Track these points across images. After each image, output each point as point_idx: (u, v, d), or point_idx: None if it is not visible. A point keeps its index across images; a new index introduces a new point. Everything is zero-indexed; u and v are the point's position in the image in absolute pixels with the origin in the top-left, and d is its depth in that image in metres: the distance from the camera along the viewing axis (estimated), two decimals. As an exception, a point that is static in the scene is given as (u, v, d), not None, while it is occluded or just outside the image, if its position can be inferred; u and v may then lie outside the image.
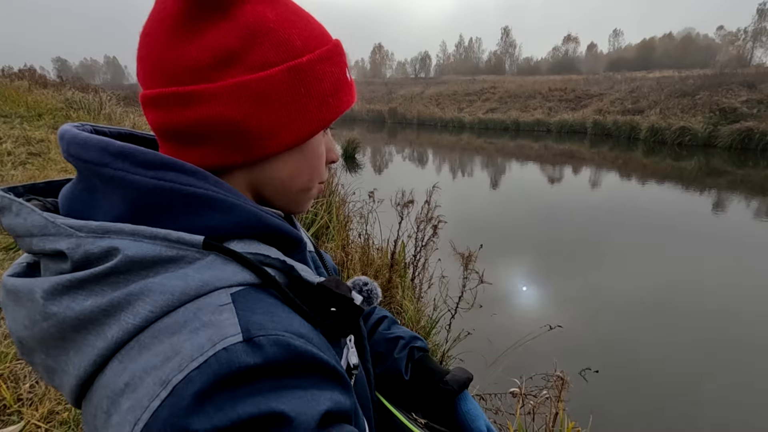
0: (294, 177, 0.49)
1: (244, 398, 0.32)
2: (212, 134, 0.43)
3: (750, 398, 2.83)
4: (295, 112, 0.44)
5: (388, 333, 0.76)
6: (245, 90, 0.42)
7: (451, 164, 14.19)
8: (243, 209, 0.42)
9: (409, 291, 3.01)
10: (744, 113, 13.96)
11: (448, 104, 26.41)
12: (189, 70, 0.41)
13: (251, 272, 0.40)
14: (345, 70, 0.50)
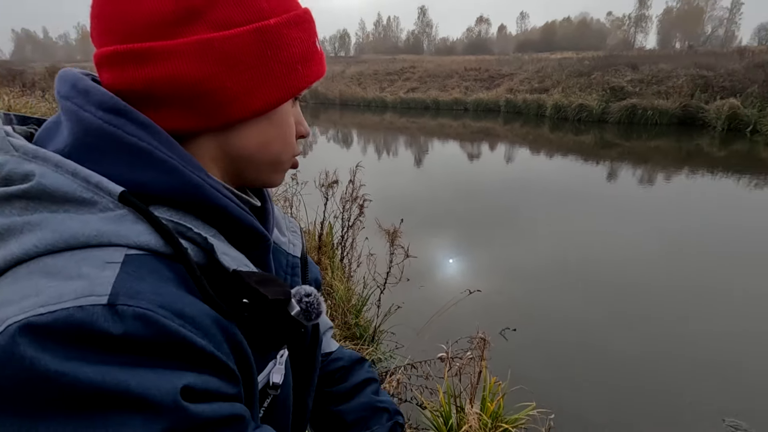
0: (263, 147, 0.47)
1: (86, 362, 0.29)
2: (172, 96, 0.40)
3: (644, 341, 3.29)
4: (261, 77, 0.42)
5: (377, 400, 0.68)
6: (208, 49, 0.39)
7: (376, 144, 14.28)
8: (184, 176, 0.39)
9: (339, 271, 3.02)
10: (629, 91, 15.75)
11: (370, 84, 26.34)
12: (146, 26, 0.39)
13: (162, 239, 0.36)
14: (315, 39, 0.48)
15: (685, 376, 2.85)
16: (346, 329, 2.63)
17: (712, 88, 14.13)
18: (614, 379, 2.83)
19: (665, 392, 2.70)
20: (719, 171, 9.08)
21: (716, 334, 3.29)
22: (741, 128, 12.56)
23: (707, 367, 2.93)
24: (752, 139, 11.90)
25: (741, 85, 13.53)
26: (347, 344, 2.42)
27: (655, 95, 14.99)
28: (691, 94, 14.35)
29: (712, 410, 2.52)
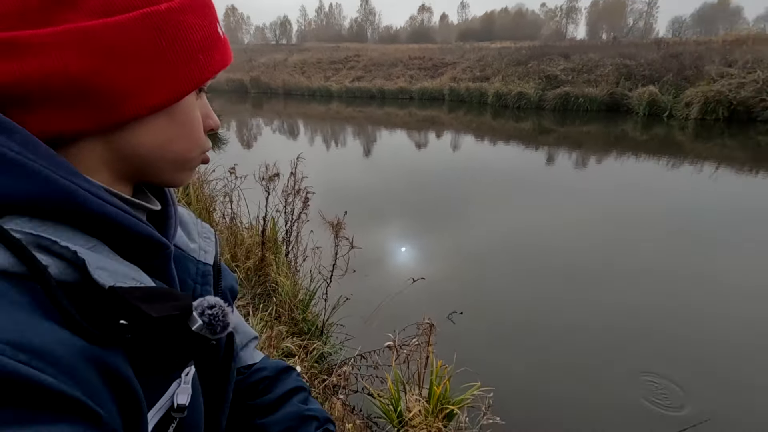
0: (164, 146, 0.43)
1: None
2: (49, 94, 0.35)
3: (581, 316, 3.52)
4: (156, 69, 0.38)
5: (305, 409, 0.65)
6: (87, 39, 0.35)
7: (323, 134, 14.05)
8: (49, 181, 0.33)
9: (285, 267, 2.94)
10: (563, 80, 16.65)
11: (314, 72, 25.78)
12: (10, 12, 0.33)
13: (13, 256, 0.31)
14: (216, 25, 0.43)
15: (617, 344, 3.09)
16: (293, 325, 2.58)
17: (634, 77, 15.26)
18: (551, 353, 3.01)
19: (598, 359, 2.92)
20: (642, 154, 9.88)
21: (650, 306, 3.60)
22: (659, 113, 13.72)
23: (637, 333, 3.20)
24: (668, 123, 13.05)
25: (658, 74, 14.73)
26: (294, 340, 2.37)
27: (586, 83, 15.96)
28: (616, 82, 15.42)
29: (635, 370, 2.76)
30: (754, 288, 3.79)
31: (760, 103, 12.04)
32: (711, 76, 13.41)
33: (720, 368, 2.81)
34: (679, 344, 3.06)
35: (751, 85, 12.36)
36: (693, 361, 2.87)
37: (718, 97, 12.49)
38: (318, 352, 2.34)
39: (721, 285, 3.90)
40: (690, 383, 2.64)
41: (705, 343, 3.08)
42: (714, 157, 9.32)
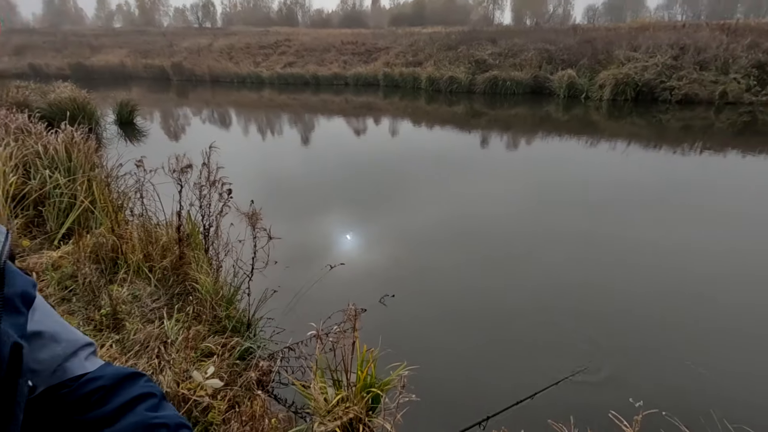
0: None
1: None
2: None
3: (508, 290, 3.70)
4: None
5: (152, 416, 0.59)
6: None
7: (258, 123, 13.45)
8: None
9: (205, 263, 2.78)
10: (491, 64, 17.25)
11: (243, 58, 24.50)
12: None
13: None
14: None
15: (543, 320, 3.28)
16: (216, 323, 2.45)
17: (555, 61, 16.19)
18: (479, 331, 3.14)
19: (525, 336, 3.09)
20: (565, 133, 10.56)
21: (577, 279, 3.85)
22: (577, 95, 14.71)
23: (562, 306, 3.42)
24: (586, 104, 14.04)
25: (575, 58, 15.74)
26: (216, 339, 2.25)
27: (512, 67, 16.66)
28: (539, 66, 16.26)
29: (560, 346, 2.96)
30: (671, 246, 4.21)
31: (660, 84, 13.31)
32: (620, 60, 14.57)
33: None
34: (600, 317, 3.32)
35: (653, 68, 13.61)
36: (621, 336, 3.13)
37: (626, 79, 13.62)
38: (241, 349, 2.24)
39: (637, 245, 4.28)
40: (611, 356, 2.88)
41: (630, 312, 3.38)
42: (625, 135, 10.19)
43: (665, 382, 2.50)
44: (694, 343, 2.93)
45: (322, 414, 1.83)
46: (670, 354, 2.74)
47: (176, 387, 1.79)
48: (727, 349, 2.86)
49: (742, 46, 13.48)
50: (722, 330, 3.06)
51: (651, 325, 3.10)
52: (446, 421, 2.14)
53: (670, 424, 1.84)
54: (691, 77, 13.11)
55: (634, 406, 1.41)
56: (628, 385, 2.41)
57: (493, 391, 2.47)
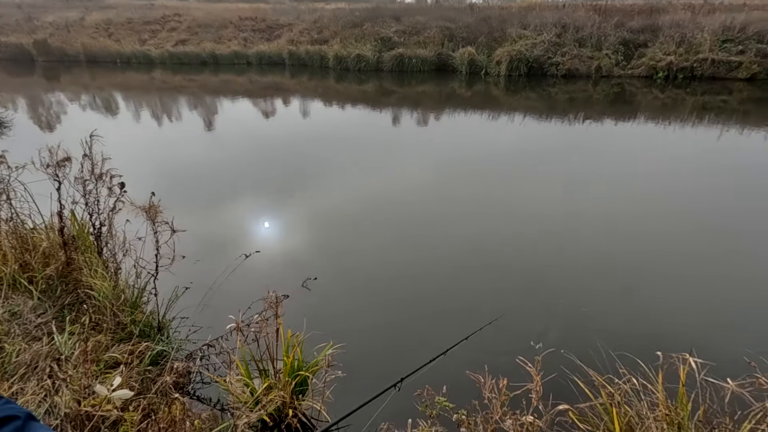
0: None
1: None
2: None
3: (424, 261, 3.85)
4: None
5: None
6: None
7: (152, 109, 12.12)
8: None
9: (100, 267, 2.48)
10: (396, 41, 17.41)
11: (125, 35, 21.70)
12: None
13: None
14: None
15: (458, 289, 3.50)
16: (120, 330, 2.22)
17: (456, 39, 16.83)
18: (399, 305, 3.27)
19: (440, 307, 3.27)
20: (469, 108, 11.14)
21: (496, 237, 4.13)
22: (478, 71, 15.53)
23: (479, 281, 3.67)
24: (485, 80, 14.91)
25: (474, 36, 16.53)
26: (123, 347, 2.05)
27: (416, 45, 16.99)
28: (441, 44, 16.80)
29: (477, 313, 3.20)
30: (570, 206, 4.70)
31: (548, 60, 14.59)
32: (512, 37, 15.62)
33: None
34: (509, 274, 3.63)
35: (541, 45, 14.84)
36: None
37: (519, 56, 14.68)
38: (152, 354, 2.07)
39: (536, 208, 4.72)
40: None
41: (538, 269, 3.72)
42: (521, 108, 11.06)
43: (561, 326, 2.84)
44: (582, 292, 3.36)
45: (249, 406, 1.78)
46: (563, 302, 3.12)
47: (77, 406, 1.61)
48: (607, 294, 3.33)
49: (611, 24, 15.23)
50: (603, 278, 3.54)
51: (547, 280, 3.48)
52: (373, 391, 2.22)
53: (567, 360, 2.11)
54: (573, 53, 14.55)
55: (535, 349, 1.59)
56: (531, 333, 2.70)
57: (413, 356, 2.60)
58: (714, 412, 1.62)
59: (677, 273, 3.54)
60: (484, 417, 1.53)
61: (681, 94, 11.85)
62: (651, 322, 2.91)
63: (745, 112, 9.85)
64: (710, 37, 13.23)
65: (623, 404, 1.65)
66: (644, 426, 1.52)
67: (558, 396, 1.74)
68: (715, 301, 3.15)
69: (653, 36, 14.36)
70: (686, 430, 1.54)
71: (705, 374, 1.63)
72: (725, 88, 12.07)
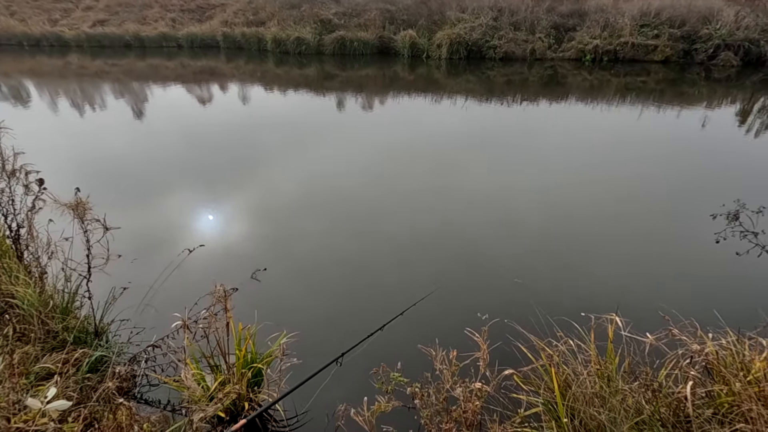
0: None
1: None
2: None
3: (370, 242, 3.88)
4: None
5: None
6: None
7: (70, 98, 11.01)
8: None
9: (21, 272, 2.27)
10: (336, 24, 17.04)
11: (31, 14, 19.38)
12: None
13: None
14: None
15: (406, 269, 3.58)
16: (52, 339, 2.06)
17: (397, 21, 16.78)
18: (344, 283, 3.30)
19: (387, 288, 3.34)
20: (412, 91, 11.23)
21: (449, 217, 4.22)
22: (419, 55, 15.64)
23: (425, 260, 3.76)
24: (427, 63, 15.06)
25: (414, 18, 16.56)
26: (55, 356, 1.90)
27: (357, 27, 16.74)
28: (383, 26, 16.68)
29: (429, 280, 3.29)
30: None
31: (486, 43, 14.99)
32: (452, 20, 15.84)
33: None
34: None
35: (479, 28, 15.19)
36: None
37: (458, 39, 14.95)
38: (90, 360, 1.94)
39: (472, 188, 4.91)
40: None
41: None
42: (463, 91, 11.32)
43: (503, 297, 3.02)
44: (520, 264, 3.58)
45: (204, 402, 1.74)
46: (504, 274, 3.31)
47: (7, 423, 1.48)
48: (543, 265, 3.57)
49: (542, 9, 15.89)
50: (539, 251, 3.79)
51: (487, 254, 3.66)
52: (330, 377, 2.24)
53: (510, 328, 2.26)
54: (509, 37, 15.06)
55: (482, 320, 1.69)
56: (477, 306, 2.85)
57: (361, 334, 2.66)
58: (637, 363, 1.82)
59: (603, 241, 3.87)
60: (436, 388, 1.61)
61: (606, 75, 12.71)
62: (582, 288, 3.17)
63: (660, 91, 10.79)
64: (630, 22, 14.22)
65: (561, 364, 1.80)
66: (579, 381, 1.67)
67: (503, 362, 1.87)
68: (637, 264, 3.48)
69: (581, 20, 15.18)
70: (614, 381, 1.72)
71: (629, 331, 1.82)
72: (644, 69, 13.10)
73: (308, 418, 2.09)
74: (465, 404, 1.48)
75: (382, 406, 1.56)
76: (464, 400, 1.48)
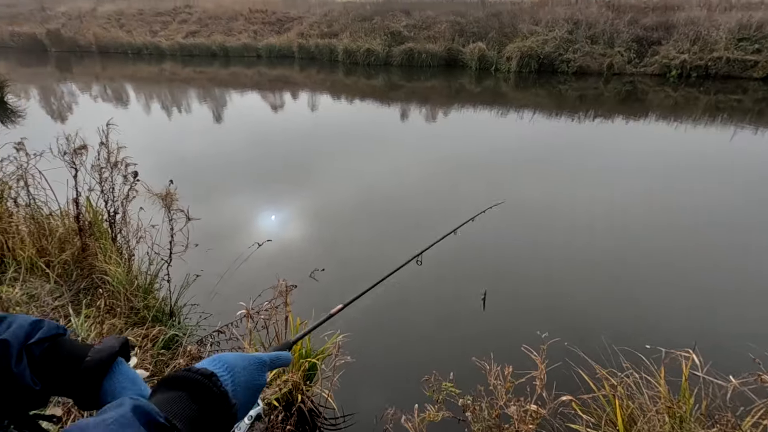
0: None
1: None
2: None
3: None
4: None
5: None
6: None
7: (162, 101, 12.22)
8: None
9: (114, 253, 2.54)
10: (406, 36, 17.34)
11: (136, 26, 21.83)
12: None
13: None
14: None
15: (457, 277, 3.52)
16: (133, 315, 2.28)
17: (466, 34, 16.73)
18: (399, 294, 3.30)
19: (444, 293, 3.30)
20: (478, 104, 11.09)
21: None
22: (488, 67, 15.44)
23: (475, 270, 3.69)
24: (495, 76, 14.82)
25: (484, 31, 16.41)
26: (137, 330, 2.11)
27: (426, 39, 16.91)
28: (452, 39, 16.70)
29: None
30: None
31: (559, 57, 14.46)
32: (523, 33, 15.48)
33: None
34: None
35: (552, 41, 14.70)
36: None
37: (530, 52, 14.57)
38: (165, 338, 2.13)
39: (544, 203, 4.73)
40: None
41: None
42: (531, 105, 10.99)
43: (563, 319, 2.86)
44: (589, 287, 3.37)
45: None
46: (561, 295, 3.14)
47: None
48: (611, 290, 3.34)
49: (624, 21, 15.04)
50: (610, 274, 3.55)
51: (555, 274, 3.49)
52: (384, 383, 2.26)
53: (570, 351, 2.14)
54: (584, 50, 14.41)
55: (540, 338, 1.62)
56: (534, 324, 2.72)
57: (418, 349, 2.64)
58: (716, 407, 1.64)
59: (682, 269, 3.54)
60: (489, 403, 1.56)
61: (694, 92, 11.70)
62: (654, 319, 2.92)
63: (759, 112, 9.71)
64: (726, 35, 13.02)
65: (626, 397, 1.67)
66: (646, 418, 1.54)
67: (561, 386, 1.77)
68: (720, 298, 3.14)
69: (667, 33, 14.16)
70: (688, 423, 1.56)
71: (708, 371, 1.65)
72: (740, 87, 11.89)
73: (355, 420, 2.12)
74: (519, 424, 1.43)
75: (432, 415, 1.55)
76: (518, 420, 1.43)
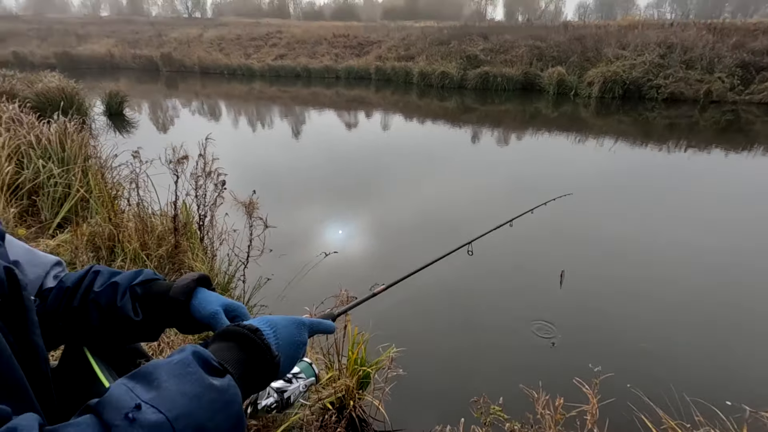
0: None
1: None
2: None
3: (476, 279, 3.83)
4: None
5: (102, 287, 0.75)
6: None
7: (248, 116, 13.41)
8: None
9: (200, 252, 2.86)
10: (482, 59, 17.37)
11: (233, 50, 24.28)
12: None
13: None
14: None
15: (507, 298, 3.43)
16: (212, 309, 2.54)
17: (545, 58, 16.35)
18: (459, 316, 3.28)
19: (496, 317, 3.24)
20: (554, 130, 10.74)
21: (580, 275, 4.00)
22: (566, 92, 14.90)
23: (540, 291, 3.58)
24: (575, 101, 14.25)
25: (565, 55, 15.92)
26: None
27: (503, 63, 16.79)
28: (530, 63, 16.42)
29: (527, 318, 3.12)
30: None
31: (648, 82, 13.56)
32: (608, 58, 14.78)
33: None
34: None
35: (641, 66, 13.85)
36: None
37: (614, 77, 13.84)
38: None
39: (619, 237, 4.46)
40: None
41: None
42: (612, 132, 10.40)
43: (626, 360, 2.66)
44: (649, 325, 3.10)
45: (320, 386, 1.95)
46: (627, 331, 2.92)
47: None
48: (678, 332, 3.04)
49: (727, 45, 13.76)
50: (673, 316, 3.24)
51: (612, 310, 3.27)
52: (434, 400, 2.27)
53: (633, 395, 2.00)
54: (678, 76, 13.37)
55: (594, 372, 1.55)
56: (591, 359, 2.57)
57: (471, 374, 2.61)
58: (810, 483, 1.45)
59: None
60: (536, 431, 1.52)
61: (812, 124, 10.32)
62: (735, 372, 2.61)
63: None
64: None
65: (697, 454, 1.54)
66: (719, 480, 1.41)
67: (617, 428, 1.66)
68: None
69: (780, 58, 12.72)
70: (771, 494, 1.40)
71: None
72: None
73: (402, 434, 2.16)
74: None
75: (478, 439, 1.55)
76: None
